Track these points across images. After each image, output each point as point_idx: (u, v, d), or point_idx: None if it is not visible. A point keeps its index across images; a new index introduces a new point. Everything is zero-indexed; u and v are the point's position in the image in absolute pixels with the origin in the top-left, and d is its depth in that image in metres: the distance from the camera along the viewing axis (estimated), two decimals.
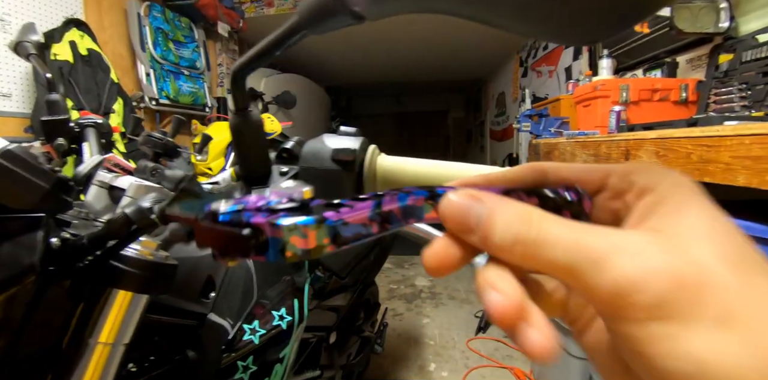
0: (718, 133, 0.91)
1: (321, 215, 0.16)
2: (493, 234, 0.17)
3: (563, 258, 0.15)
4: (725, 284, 0.14)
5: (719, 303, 0.14)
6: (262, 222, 0.15)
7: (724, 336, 0.13)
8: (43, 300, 0.38)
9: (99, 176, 0.54)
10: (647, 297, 0.14)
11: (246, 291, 0.62)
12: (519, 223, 0.16)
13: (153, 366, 0.57)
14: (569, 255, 0.15)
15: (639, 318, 0.14)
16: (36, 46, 0.81)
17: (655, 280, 0.14)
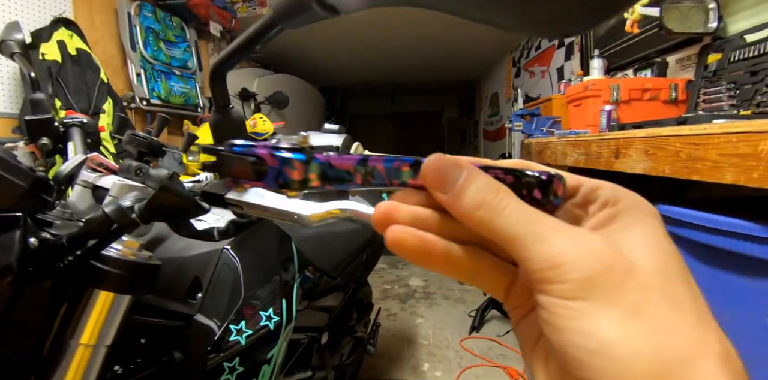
0: (705, 132, 0.92)
1: (311, 155, 0.19)
2: (464, 197, 0.18)
3: (512, 228, 0.18)
4: (646, 282, 0.16)
5: (636, 297, 0.16)
6: (264, 153, 0.20)
7: (632, 325, 0.15)
8: (22, 301, 0.37)
9: (83, 176, 0.54)
10: (576, 275, 0.16)
11: (233, 291, 0.61)
12: (487, 191, 0.18)
13: (139, 368, 0.56)
14: (519, 226, 0.17)
15: (563, 293, 0.16)
16: (20, 45, 0.80)
17: (588, 261, 0.16)
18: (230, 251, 0.64)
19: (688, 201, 1.17)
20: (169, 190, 0.34)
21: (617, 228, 0.19)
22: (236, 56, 0.29)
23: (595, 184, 0.21)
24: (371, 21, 3.66)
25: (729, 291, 0.86)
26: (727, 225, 0.86)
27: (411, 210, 0.20)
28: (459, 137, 8.08)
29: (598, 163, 1.32)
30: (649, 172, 1.07)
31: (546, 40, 3.44)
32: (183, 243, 0.65)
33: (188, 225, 0.42)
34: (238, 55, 0.29)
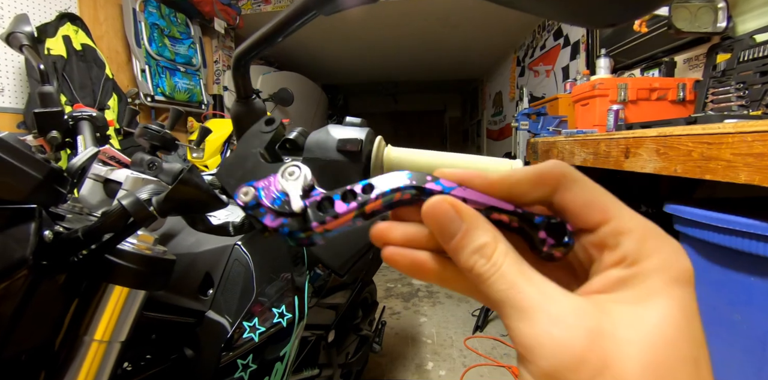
0: (719, 131, 0.91)
1: (309, 228, 0.21)
2: (460, 254, 0.18)
3: (498, 295, 0.17)
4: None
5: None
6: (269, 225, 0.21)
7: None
8: (36, 295, 0.36)
9: (94, 169, 0.53)
10: (545, 363, 0.15)
11: (245, 288, 0.61)
12: (481, 253, 0.18)
13: (149, 364, 0.55)
14: (505, 294, 0.17)
15: (534, 374, 0.15)
16: (29, 38, 0.79)
17: (560, 351, 0.15)
18: (242, 247, 0.64)
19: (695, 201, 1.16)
20: (189, 182, 0.34)
21: (625, 299, 0.17)
22: (262, 45, 0.28)
23: (621, 227, 0.18)
24: (375, 19, 3.64)
25: (740, 291, 0.85)
26: (738, 224, 0.85)
27: (403, 231, 0.20)
28: (461, 136, 8.06)
29: (607, 162, 1.31)
30: (660, 171, 1.06)
31: (551, 39, 3.43)
32: (194, 239, 0.64)
33: (204, 220, 0.41)
34: (264, 43, 0.28)
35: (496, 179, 0.20)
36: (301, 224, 0.21)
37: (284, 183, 0.22)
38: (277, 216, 0.21)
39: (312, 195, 0.22)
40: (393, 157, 0.37)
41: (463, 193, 0.20)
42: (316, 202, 0.21)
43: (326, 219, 0.20)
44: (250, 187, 0.22)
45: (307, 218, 0.21)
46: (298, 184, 0.22)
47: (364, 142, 0.35)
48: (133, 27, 2.56)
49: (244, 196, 0.22)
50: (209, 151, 2.38)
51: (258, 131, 0.26)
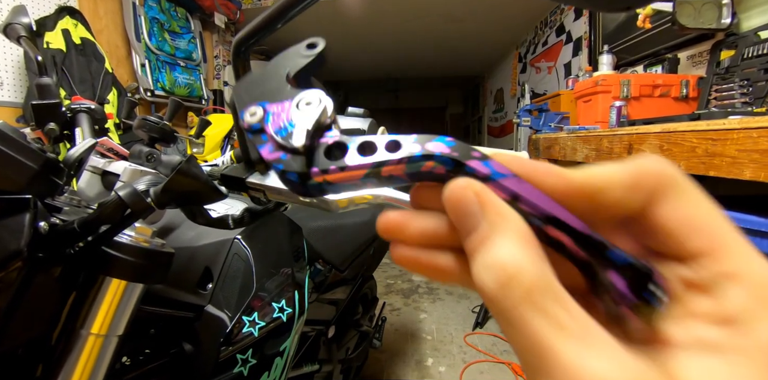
0: (724, 127, 0.90)
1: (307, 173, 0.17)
2: (471, 262, 0.14)
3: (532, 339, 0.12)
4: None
5: None
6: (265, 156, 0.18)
7: None
8: (31, 288, 0.35)
9: (92, 161, 0.52)
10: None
11: (245, 282, 0.60)
12: (493, 276, 0.13)
13: (148, 359, 0.55)
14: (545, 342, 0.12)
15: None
16: (27, 29, 0.78)
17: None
18: (242, 241, 0.63)
19: None
20: (188, 173, 0.33)
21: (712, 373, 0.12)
22: (263, 30, 0.27)
23: (731, 268, 0.13)
24: (376, 15, 3.62)
25: None
26: (742, 222, 0.85)
27: (421, 226, 0.16)
28: (462, 133, 8.05)
29: (610, 158, 1.30)
30: None
31: (553, 35, 3.41)
32: (193, 233, 0.63)
33: (203, 212, 0.41)
34: (265, 28, 0.27)
35: (575, 179, 0.15)
36: (300, 165, 0.17)
37: (296, 112, 0.19)
38: (277, 148, 0.18)
39: (325, 135, 0.18)
40: None
41: (518, 187, 0.15)
42: (326, 145, 0.18)
43: (330, 168, 0.17)
44: (260, 107, 0.19)
45: (310, 160, 0.17)
46: (311, 116, 0.18)
47: (367, 132, 0.34)
48: (133, 21, 2.55)
49: (250, 117, 0.19)
50: (209, 146, 2.37)
51: (295, 52, 0.22)
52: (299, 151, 0.17)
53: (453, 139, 0.17)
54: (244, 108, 0.19)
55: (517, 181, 0.15)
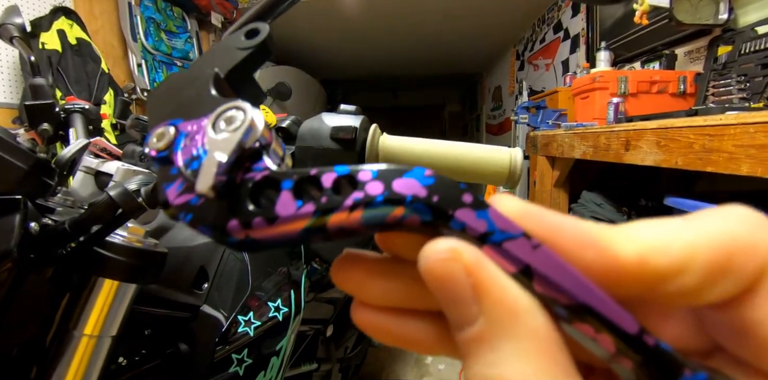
0: (721, 122, 0.90)
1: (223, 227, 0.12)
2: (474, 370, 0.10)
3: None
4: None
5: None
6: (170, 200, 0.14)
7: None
8: (23, 289, 0.35)
9: (85, 161, 0.52)
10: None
11: (240, 282, 0.60)
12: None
13: (143, 360, 0.55)
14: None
15: None
16: (20, 29, 0.78)
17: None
18: None
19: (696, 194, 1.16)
20: None
21: None
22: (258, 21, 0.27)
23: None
24: (374, 13, 3.61)
25: None
26: None
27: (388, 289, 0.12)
28: (461, 131, 8.05)
29: (607, 155, 1.30)
30: (660, 163, 1.05)
31: (551, 32, 3.41)
32: (188, 232, 0.63)
33: None
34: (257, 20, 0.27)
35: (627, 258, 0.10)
36: (213, 215, 0.12)
37: (212, 135, 0.13)
38: (186, 188, 0.13)
39: (253, 168, 0.13)
40: (388, 145, 0.36)
41: (532, 256, 0.10)
42: (251, 183, 0.13)
43: (254, 221, 0.12)
44: (171, 126, 0.14)
45: (230, 207, 0.12)
46: (230, 140, 0.13)
47: (359, 129, 0.34)
48: (129, 21, 2.54)
49: (156, 141, 0.14)
50: None
51: (229, 44, 0.17)
52: (207, 196, 0.12)
53: (432, 173, 0.12)
54: (151, 128, 0.15)
55: (529, 244, 0.10)
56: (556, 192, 1.84)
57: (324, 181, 0.12)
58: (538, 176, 1.96)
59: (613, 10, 2.41)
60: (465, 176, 0.36)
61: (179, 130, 0.14)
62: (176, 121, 0.15)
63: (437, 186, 0.11)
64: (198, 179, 0.12)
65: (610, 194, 1.61)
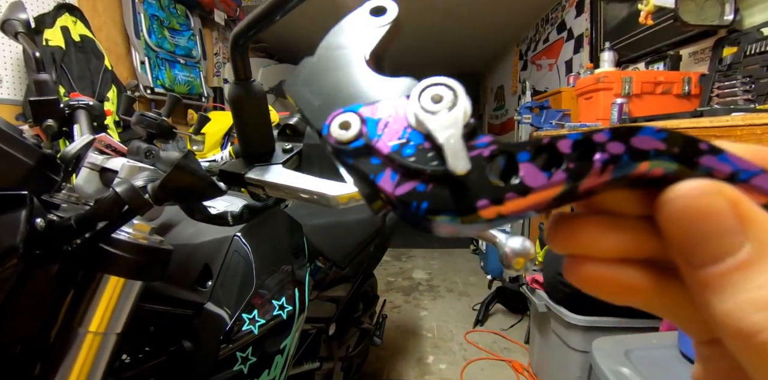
0: (728, 123, 0.90)
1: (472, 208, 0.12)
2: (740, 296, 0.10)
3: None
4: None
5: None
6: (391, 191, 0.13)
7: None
8: (28, 285, 0.35)
9: (90, 158, 0.52)
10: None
11: (245, 279, 0.60)
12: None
13: (147, 357, 0.54)
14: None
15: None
16: (24, 25, 0.78)
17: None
18: (241, 238, 0.63)
19: None
20: (185, 168, 0.32)
21: None
22: (261, 22, 0.27)
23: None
24: None
25: None
26: None
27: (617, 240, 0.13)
28: None
29: None
30: None
31: (554, 32, 3.39)
32: (193, 230, 0.63)
33: (202, 208, 0.40)
34: (263, 20, 0.27)
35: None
36: (458, 200, 0.12)
37: (423, 116, 0.13)
38: (406, 176, 0.12)
39: (476, 144, 0.13)
40: None
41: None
42: (484, 159, 0.12)
43: (505, 196, 0.12)
44: (353, 113, 0.13)
45: (468, 188, 0.12)
46: (453, 119, 0.12)
47: None
48: (132, 18, 2.53)
49: (343, 131, 0.13)
50: (209, 143, 2.36)
51: (359, 22, 0.16)
52: (454, 177, 0.12)
53: (662, 129, 0.12)
54: (327, 120, 0.14)
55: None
56: None
57: (562, 148, 0.12)
58: None
59: (617, 11, 2.40)
60: None
61: (362, 116, 0.14)
62: (353, 107, 0.14)
63: (672, 138, 0.12)
64: (449, 161, 0.12)
65: None
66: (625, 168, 0.12)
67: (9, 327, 0.34)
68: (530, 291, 1.65)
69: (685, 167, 0.11)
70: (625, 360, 0.99)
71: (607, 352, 1.03)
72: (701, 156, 0.11)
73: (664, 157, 0.12)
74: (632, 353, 1.02)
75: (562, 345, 1.47)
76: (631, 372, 0.94)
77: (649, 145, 0.12)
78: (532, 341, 1.82)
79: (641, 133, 0.12)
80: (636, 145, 0.12)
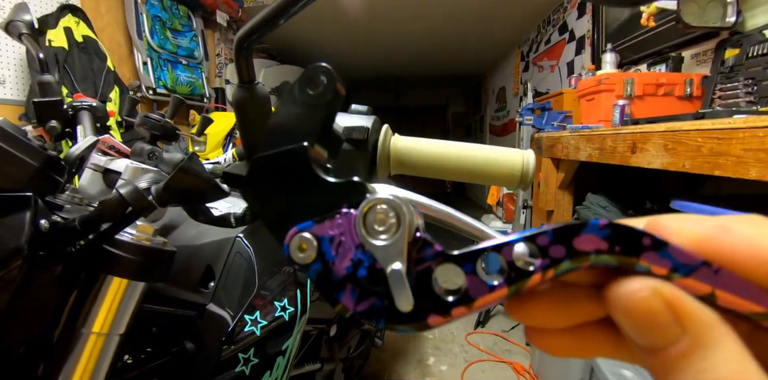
0: (730, 126, 0.90)
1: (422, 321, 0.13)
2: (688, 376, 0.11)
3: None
4: None
5: None
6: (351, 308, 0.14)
7: None
8: (32, 286, 0.35)
9: (93, 159, 0.52)
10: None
11: (247, 281, 0.60)
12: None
13: (150, 357, 0.55)
14: None
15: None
16: (28, 26, 0.78)
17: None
18: (243, 239, 0.63)
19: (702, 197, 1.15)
20: (189, 170, 0.32)
21: None
22: (266, 25, 0.27)
23: None
24: (378, 13, 3.61)
25: None
26: None
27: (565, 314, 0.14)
28: (464, 132, 8.04)
29: (613, 157, 1.29)
30: (667, 167, 1.04)
31: (556, 34, 3.40)
32: (195, 231, 0.63)
33: (205, 210, 0.40)
34: (268, 23, 0.27)
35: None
36: (407, 314, 0.13)
37: (369, 243, 0.13)
38: (364, 294, 0.13)
39: (424, 257, 0.13)
40: (400, 146, 0.35)
41: (714, 281, 0.12)
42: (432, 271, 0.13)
43: (453, 311, 0.13)
44: (308, 233, 0.14)
45: (418, 306, 0.13)
46: (396, 245, 0.13)
47: (371, 130, 0.33)
48: (135, 19, 2.54)
49: (301, 254, 0.14)
50: (211, 144, 2.37)
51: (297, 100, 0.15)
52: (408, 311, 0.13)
53: (606, 224, 0.12)
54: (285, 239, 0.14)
55: (711, 271, 0.12)
56: (561, 194, 1.84)
57: (505, 256, 0.13)
58: (543, 178, 1.95)
59: (619, 12, 2.41)
60: (476, 178, 0.35)
61: (316, 234, 0.14)
62: (305, 225, 0.14)
63: (615, 236, 0.12)
64: (398, 300, 0.13)
65: (615, 196, 1.61)
66: (566, 269, 0.13)
67: (14, 327, 0.34)
68: None
69: (627, 263, 0.12)
70: None
71: None
72: (643, 253, 0.12)
73: (605, 254, 0.12)
74: None
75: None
76: (633, 374, 0.94)
77: (591, 245, 0.12)
78: None
79: (585, 232, 0.12)
80: (578, 247, 0.12)
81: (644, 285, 0.12)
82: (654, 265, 0.12)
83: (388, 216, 0.13)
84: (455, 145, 0.36)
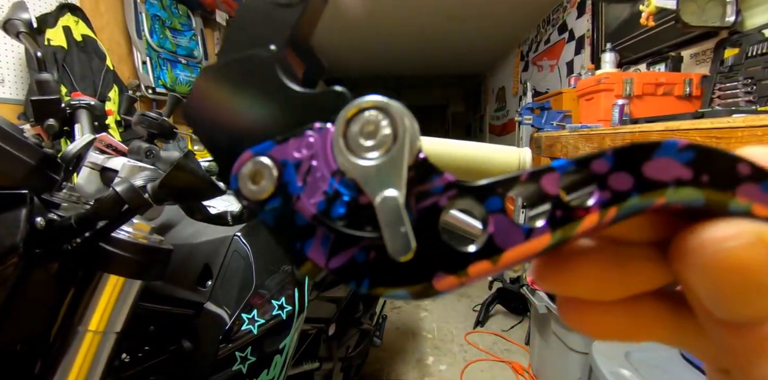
0: (729, 125, 0.90)
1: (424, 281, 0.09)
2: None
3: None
4: None
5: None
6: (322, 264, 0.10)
7: None
8: (28, 284, 0.35)
9: (90, 157, 0.52)
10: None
11: (244, 279, 0.60)
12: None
13: (147, 356, 0.55)
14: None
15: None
16: (26, 25, 0.78)
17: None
18: (241, 238, 0.63)
19: None
20: (185, 168, 0.32)
21: None
22: None
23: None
24: (378, 12, 3.61)
25: None
26: None
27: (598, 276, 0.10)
28: (464, 131, 8.04)
29: None
30: None
31: (555, 33, 3.40)
32: (193, 230, 0.63)
33: (202, 208, 0.40)
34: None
35: None
36: (406, 271, 0.09)
37: (352, 163, 0.09)
38: (340, 243, 0.09)
39: (429, 190, 0.09)
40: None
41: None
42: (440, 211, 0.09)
43: (470, 268, 0.09)
44: (265, 157, 0.10)
45: (420, 257, 0.09)
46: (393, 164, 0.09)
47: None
48: (134, 18, 2.54)
49: (255, 187, 0.10)
50: None
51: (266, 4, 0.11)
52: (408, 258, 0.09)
53: (688, 145, 0.09)
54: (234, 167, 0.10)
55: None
56: None
57: (546, 186, 0.09)
58: None
59: (618, 12, 2.40)
60: (473, 175, 0.35)
61: (276, 159, 0.10)
62: (263, 146, 0.10)
63: (701, 161, 0.09)
64: (391, 243, 0.09)
65: None
66: (633, 207, 0.09)
67: (10, 325, 0.34)
68: (531, 293, 1.65)
69: (717, 201, 0.09)
70: (625, 361, 0.99)
71: (607, 354, 1.03)
72: (739, 185, 0.09)
73: (688, 187, 0.09)
74: (632, 355, 1.02)
75: (562, 346, 1.47)
76: (631, 373, 0.94)
77: (670, 173, 0.09)
78: (533, 342, 1.82)
79: (658, 154, 0.09)
80: (650, 176, 0.09)
81: (741, 229, 0.08)
82: (756, 203, 0.08)
83: (379, 125, 0.09)
84: (451, 143, 0.36)
